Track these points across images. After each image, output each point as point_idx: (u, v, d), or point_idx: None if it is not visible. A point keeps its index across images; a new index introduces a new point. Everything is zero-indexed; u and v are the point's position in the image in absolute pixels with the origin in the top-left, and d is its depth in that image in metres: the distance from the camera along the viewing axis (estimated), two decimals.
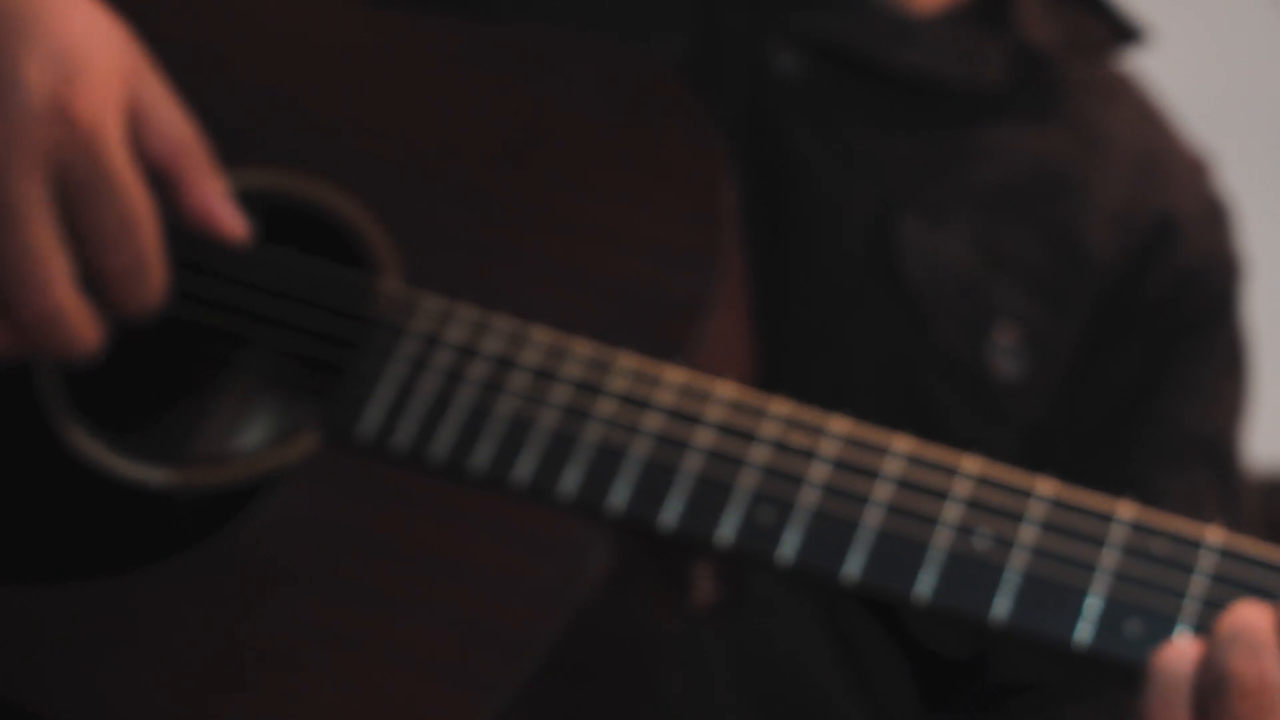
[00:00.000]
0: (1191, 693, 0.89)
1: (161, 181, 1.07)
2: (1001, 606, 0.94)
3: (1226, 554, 0.93)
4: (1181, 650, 0.90)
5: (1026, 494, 0.96)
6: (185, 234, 1.09)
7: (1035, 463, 1.01)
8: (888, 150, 1.28)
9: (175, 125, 1.08)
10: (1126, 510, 0.95)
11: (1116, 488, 0.97)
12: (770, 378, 1.05)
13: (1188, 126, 1.39)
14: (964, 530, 0.96)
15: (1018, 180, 1.32)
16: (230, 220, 1.09)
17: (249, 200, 1.12)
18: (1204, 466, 1.32)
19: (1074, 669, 0.96)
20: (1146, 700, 0.90)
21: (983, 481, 0.97)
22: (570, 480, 1.01)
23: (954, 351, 1.26)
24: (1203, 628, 0.92)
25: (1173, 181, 1.35)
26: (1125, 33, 1.35)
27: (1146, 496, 0.98)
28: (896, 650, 1.25)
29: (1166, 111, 1.39)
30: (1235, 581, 0.92)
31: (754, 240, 1.25)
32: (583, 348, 1.03)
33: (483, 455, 1.02)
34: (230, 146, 1.12)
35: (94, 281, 1.05)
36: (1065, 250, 1.30)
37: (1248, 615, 0.90)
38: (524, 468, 1.01)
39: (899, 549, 0.96)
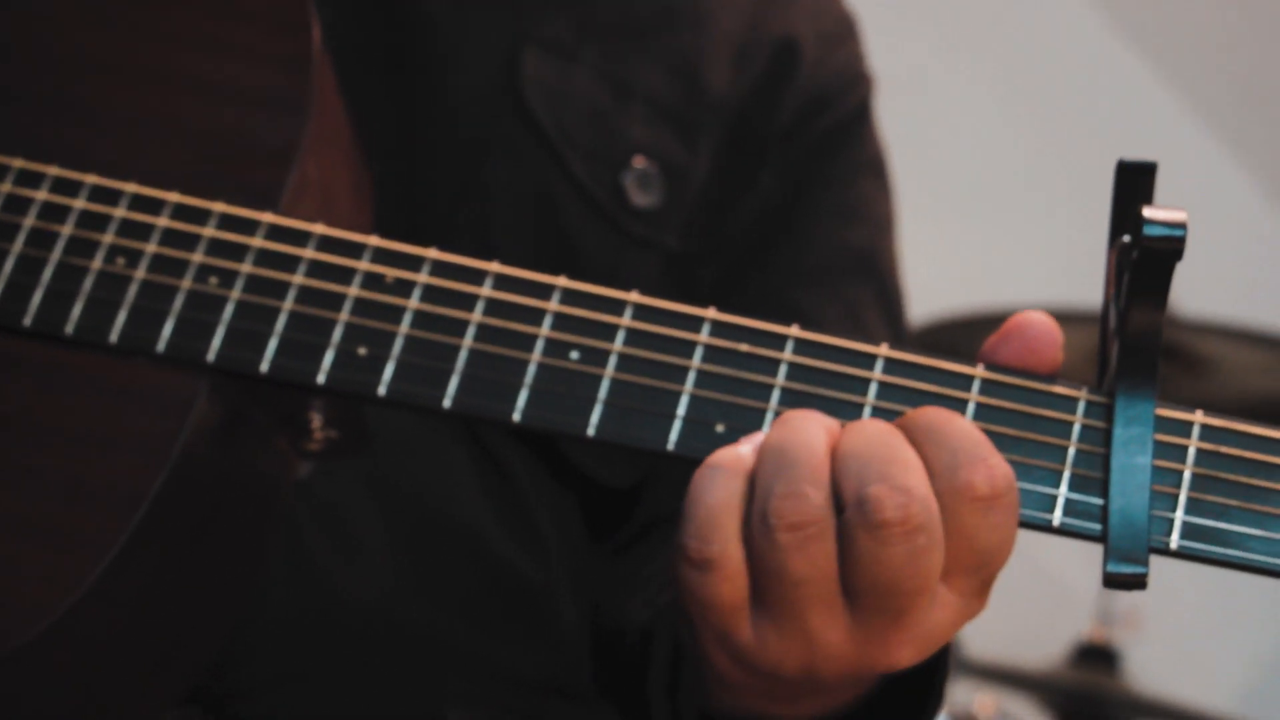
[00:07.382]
0: (742, 521, 0.89)
1: None
2: (595, 418, 0.95)
3: (804, 345, 0.94)
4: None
5: (614, 307, 0.96)
6: None
7: (685, 295, 1.01)
8: None
9: None
10: (711, 314, 0.96)
11: (773, 315, 0.97)
12: (414, 229, 1.04)
13: None
14: (554, 346, 0.96)
15: (641, 14, 1.32)
16: None
17: None
18: (860, 281, 1.33)
19: None
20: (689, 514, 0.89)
21: (571, 297, 0.97)
22: (164, 333, 0.99)
23: (592, 186, 1.26)
24: None
25: (794, 6, 1.36)
26: None
27: (806, 319, 0.98)
28: (558, 482, 1.26)
29: None
30: (814, 374, 0.94)
31: (381, 90, 1.23)
32: (173, 200, 1.02)
33: (74, 315, 1.00)
34: None
35: None
36: (689, 82, 1.30)
37: (785, 437, 0.89)
38: (116, 324, 1.00)
39: (492, 371, 0.96)
